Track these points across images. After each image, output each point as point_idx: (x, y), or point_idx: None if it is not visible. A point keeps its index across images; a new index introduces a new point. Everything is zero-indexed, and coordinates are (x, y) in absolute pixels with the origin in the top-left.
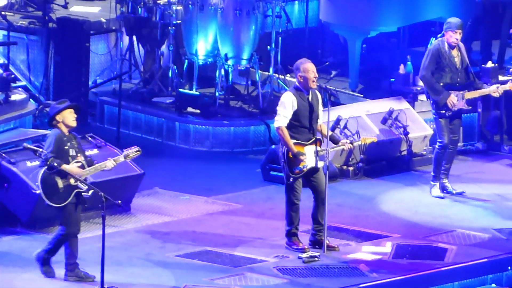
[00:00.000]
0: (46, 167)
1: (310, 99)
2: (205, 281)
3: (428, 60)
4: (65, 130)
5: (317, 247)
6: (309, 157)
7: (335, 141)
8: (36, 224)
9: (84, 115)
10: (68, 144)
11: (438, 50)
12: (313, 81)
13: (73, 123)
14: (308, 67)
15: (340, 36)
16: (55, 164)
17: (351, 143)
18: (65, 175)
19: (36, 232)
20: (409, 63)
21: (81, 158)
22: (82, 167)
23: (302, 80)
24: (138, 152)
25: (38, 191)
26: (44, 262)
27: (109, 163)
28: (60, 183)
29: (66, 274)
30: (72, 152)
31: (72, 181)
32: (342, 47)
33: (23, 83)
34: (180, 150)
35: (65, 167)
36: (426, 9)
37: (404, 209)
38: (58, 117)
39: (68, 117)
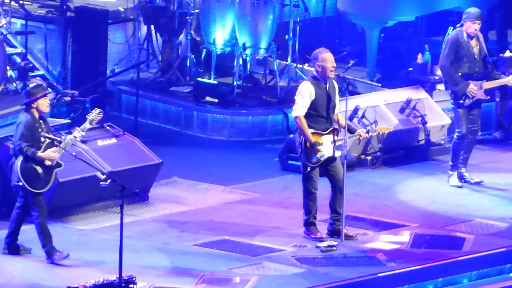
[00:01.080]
0: (22, 156)
1: (327, 89)
2: (223, 270)
3: (447, 50)
4: (36, 115)
5: (335, 236)
6: (326, 147)
7: (351, 130)
8: (54, 213)
9: (102, 104)
10: (39, 129)
11: (457, 40)
12: (331, 71)
13: (47, 109)
14: (326, 57)
15: (358, 25)
16: (30, 153)
17: (367, 132)
18: (42, 160)
19: (54, 221)
20: (427, 52)
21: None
22: (54, 145)
23: (320, 70)
24: (100, 114)
25: (21, 185)
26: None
27: (77, 133)
28: (39, 168)
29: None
30: (42, 138)
31: (48, 163)
32: (360, 37)
33: (41, 72)
34: (198, 139)
35: (40, 154)
36: None
37: (422, 199)
38: (33, 104)
39: (43, 104)
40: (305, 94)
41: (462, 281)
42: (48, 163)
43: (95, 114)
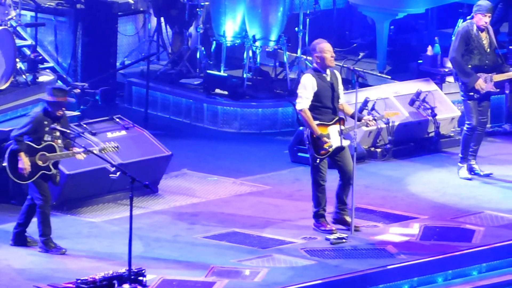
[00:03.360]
0: (14, 144)
1: (329, 79)
2: (233, 262)
3: (457, 42)
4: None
5: (339, 225)
6: (333, 137)
7: (358, 118)
8: (64, 205)
9: (112, 96)
10: (46, 128)
11: (467, 32)
12: (331, 60)
13: (60, 114)
14: (324, 47)
15: (368, 17)
16: (17, 147)
17: (374, 119)
18: (33, 153)
19: (64, 214)
20: (437, 44)
21: (58, 142)
22: (53, 149)
23: (319, 61)
24: (116, 149)
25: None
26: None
27: (79, 156)
28: (27, 161)
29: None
30: (46, 137)
31: (40, 162)
32: (370, 29)
33: (51, 64)
34: (208, 131)
35: (21, 155)
36: None
37: (432, 191)
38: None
39: (58, 110)
40: (307, 86)
41: (472, 273)
42: (39, 162)
43: (110, 146)
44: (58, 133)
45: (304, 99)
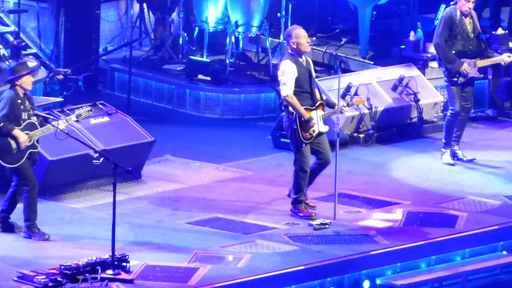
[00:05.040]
0: None
1: (305, 64)
2: (216, 248)
3: (441, 28)
4: (20, 92)
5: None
6: (316, 122)
7: (330, 105)
8: (47, 191)
9: (95, 82)
10: (22, 107)
11: (450, 18)
12: (307, 46)
13: (30, 87)
14: (300, 33)
15: (350, 3)
16: (8, 128)
17: (347, 105)
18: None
19: (47, 199)
20: (419, 30)
21: (34, 118)
22: (34, 127)
23: (295, 47)
24: (90, 112)
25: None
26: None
27: (61, 124)
28: (14, 143)
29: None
30: (24, 116)
31: (21, 142)
32: (352, 14)
33: (34, 50)
34: (191, 117)
35: (15, 132)
36: None
37: (414, 176)
38: (17, 81)
39: (27, 81)
40: (289, 72)
41: (455, 259)
42: (20, 142)
43: (84, 111)
44: (30, 108)
45: (288, 85)
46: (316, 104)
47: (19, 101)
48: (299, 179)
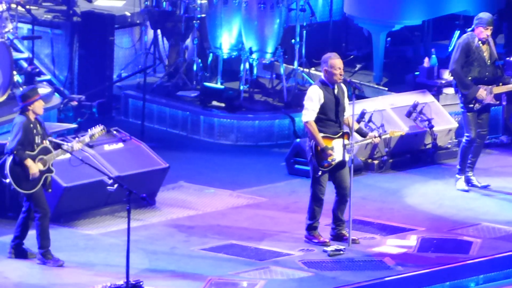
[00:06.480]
0: (11, 157)
1: (336, 92)
2: (230, 274)
3: (458, 54)
4: (32, 117)
5: (338, 241)
6: (337, 151)
7: (362, 134)
8: (61, 218)
9: (109, 108)
10: (34, 131)
11: (468, 44)
12: (338, 77)
13: (41, 112)
14: (335, 63)
15: (365, 29)
16: (22, 158)
17: (379, 136)
18: (33, 159)
19: (61, 226)
20: (433, 56)
21: (46, 142)
22: (48, 151)
23: (327, 75)
24: (103, 131)
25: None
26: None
27: (76, 145)
28: (35, 166)
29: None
30: (37, 140)
31: (41, 167)
32: (367, 41)
33: (48, 77)
34: (205, 144)
35: (27, 162)
36: (450, 2)
37: (429, 202)
38: (29, 106)
39: (39, 106)
40: (314, 98)
41: (469, 285)
42: (40, 166)
43: (97, 130)
44: (43, 132)
45: (310, 111)
46: (339, 133)
47: (31, 125)
48: (314, 205)
